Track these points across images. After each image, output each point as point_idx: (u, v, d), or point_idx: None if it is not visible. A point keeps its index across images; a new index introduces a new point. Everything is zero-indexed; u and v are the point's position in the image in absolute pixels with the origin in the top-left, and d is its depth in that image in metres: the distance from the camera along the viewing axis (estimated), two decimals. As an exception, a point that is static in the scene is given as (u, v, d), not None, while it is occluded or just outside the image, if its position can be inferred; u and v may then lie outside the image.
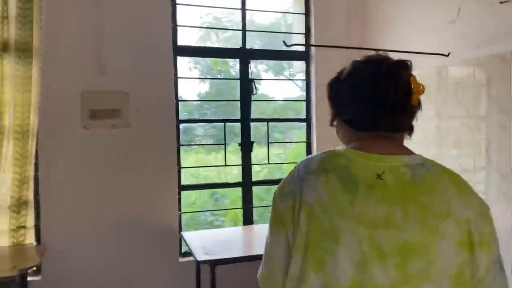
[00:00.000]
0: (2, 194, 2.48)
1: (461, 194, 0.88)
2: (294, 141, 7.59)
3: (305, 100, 3.36)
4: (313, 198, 0.88)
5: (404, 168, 0.89)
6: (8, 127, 2.46)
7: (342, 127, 1.04)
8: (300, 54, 3.33)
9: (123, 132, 2.74)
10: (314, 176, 0.91)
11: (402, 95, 0.91)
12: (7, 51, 2.45)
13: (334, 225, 0.85)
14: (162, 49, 2.84)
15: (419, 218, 0.84)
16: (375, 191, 0.86)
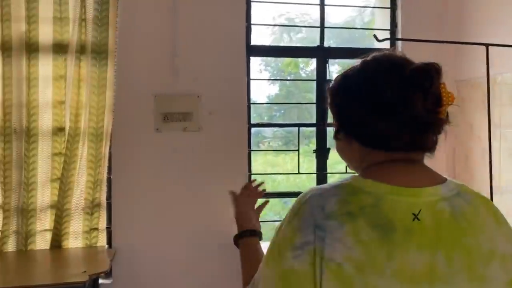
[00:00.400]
0: (77, 196, 2.49)
1: (500, 226, 0.75)
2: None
3: (389, 103, 3.03)
4: (341, 255, 0.68)
5: (441, 202, 0.73)
6: (83, 129, 2.48)
7: (349, 144, 0.83)
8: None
9: (194, 136, 2.67)
10: (337, 224, 0.70)
11: (431, 107, 0.75)
12: (84, 53, 2.47)
13: (370, 284, 0.67)
14: (235, 49, 2.72)
15: (465, 266, 0.70)
16: (414, 237, 0.69)
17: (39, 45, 2.43)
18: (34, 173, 2.43)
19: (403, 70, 0.77)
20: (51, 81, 2.45)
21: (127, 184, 2.61)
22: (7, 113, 2.40)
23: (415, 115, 0.74)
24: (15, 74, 2.40)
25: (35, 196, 2.43)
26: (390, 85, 0.75)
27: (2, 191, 2.42)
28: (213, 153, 2.70)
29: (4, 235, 2.42)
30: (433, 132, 0.78)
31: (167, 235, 2.66)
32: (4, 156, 2.40)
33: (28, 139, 2.42)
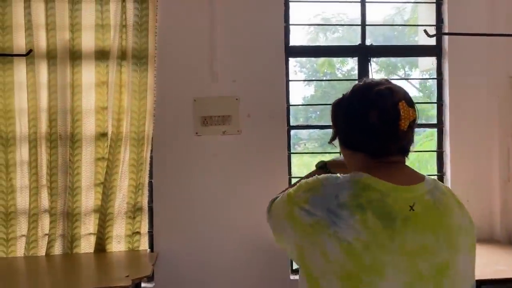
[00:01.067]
0: (119, 200, 2.52)
1: (460, 206, 1.01)
2: (416, 149, 6.94)
3: (436, 102, 2.89)
4: (351, 236, 0.90)
5: (426, 195, 0.96)
6: (125, 134, 2.50)
7: (350, 153, 1.06)
8: (429, 49, 2.88)
9: (233, 139, 2.65)
10: (349, 213, 0.91)
11: (389, 122, 0.96)
12: (124, 59, 2.50)
13: (377, 260, 0.89)
14: (274, 50, 2.68)
15: (446, 239, 0.94)
16: (410, 223, 0.92)
17: (82, 52, 2.49)
18: (79, 178, 2.48)
19: (369, 93, 0.98)
20: (93, 88, 2.50)
21: (168, 188, 2.62)
22: (52, 119, 2.46)
23: (375, 128, 0.96)
24: (59, 81, 2.47)
25: (79, 200, 2.48)
26: (359, 106, 0.99)
27: (49, 195, 2.48)
28: (252, 156, 2.66)
29: (51, 239, 2.48)
30: (395, 141, 0.98)
31: (209, 239, 2.64)
32: (50, 161, 2.47)
33: (73, 144, 2.48)
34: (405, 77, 7.10)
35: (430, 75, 3.17)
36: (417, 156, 6.99)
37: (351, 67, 7.46)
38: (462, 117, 2.79)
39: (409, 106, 0.97)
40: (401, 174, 0.99)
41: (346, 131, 1.05)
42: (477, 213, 2.77)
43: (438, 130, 2.88)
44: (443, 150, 2.87)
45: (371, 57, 2.78)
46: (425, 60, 3.13)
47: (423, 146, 7.07)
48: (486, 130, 2.79)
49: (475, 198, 2.77)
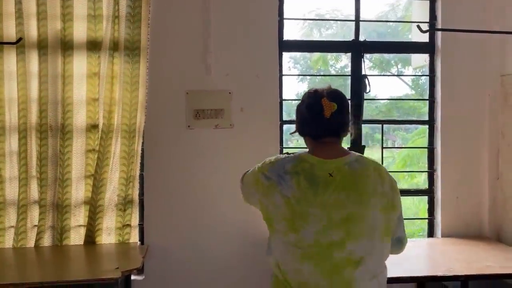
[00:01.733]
0: (110, 193, 2.51)
1: (380, 177, 1.42)
2: (408, 146, 6.92)
3: (428, 99, 2.91)
4: (289, 193, 1.38)
5: (345, 166, 1.40)
6: (116, 126, 2.49)
7: (305, 138, 1.53)
8: (422, 46, 2.89)
9: (226, 133, 2.64)
10: (290, 177, 1.40)
11: (316, 113, 1.42)
12: (117, 50, 2.48)
13: (304, 210, 1.36)
14: (267, 44, 2.67)
15: (356, 198, 1.37)
16: (329, 185, 1.37)
17: (73, 42, 2.46)
18: (69, 169, 2.46)
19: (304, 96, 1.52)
20: (85, 79, 2.47)
21: (159, 181, 2.61)
22: (43, 110, 2.44)
23: (308, 119, 1.47)
24: (50, 71, 2.44)
25: (69, 192, 2.46)
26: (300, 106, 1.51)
27: (38, 187, 2.46)
28: (244, 150, 2.65)
29: (40, 230, 2.46)
30: (323, 126, 1.44)
31: (199, 232, 2.64)
32: (40, 152, 2.44)
33: (63, 135, 2.45)
34: (397, 74, 7.12)
35: (423, 72, 3.19)
36: (408, 152, 7.04)
37: (344, 64, 7.48)
38: (453, 114, 2.81)
39: (330, 101, 1.40)
40: (330, 150, 1.43)
41: (297, 123, 1.53)
42: (467, 210, 2.81)
43: (430, 127, 2.90)
44: (434, 147, 2.88)
45: (365, 53, 2.78)
46: (418, 58, 3.15)
47: (415, 143, 7.11)
48: (477, 128, 2.81)
49: (465, 195, 2.81)
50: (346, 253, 1.34)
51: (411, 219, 6.14)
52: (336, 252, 1.34)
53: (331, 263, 1.34)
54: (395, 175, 1.95)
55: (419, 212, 6.56)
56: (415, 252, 2.51)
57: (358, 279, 1.36)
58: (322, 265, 1.35)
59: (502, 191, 2.73)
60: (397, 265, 2.25)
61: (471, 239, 2.73)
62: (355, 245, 1.35)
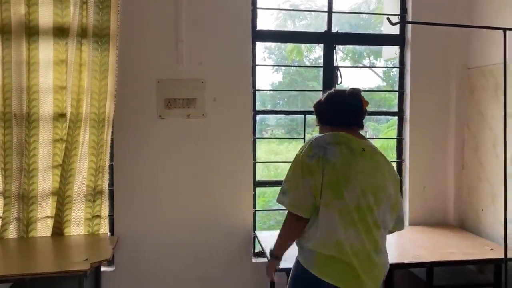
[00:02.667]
0: (79, 183, 2.45)
1: (386, 158, 1.75)
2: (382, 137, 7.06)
3: (398, 91, 2.97)
4: (334, 158, 1.61)
5: (368, 146, 1.71)
6: (85, 115, 2.43)
7: (326, 127, 1.78)
8: (393, 38, 2.94)
9: (198, 123, 2.62)
10: (332, 146, 1.64)
11: (359, 106, 1.76)
12: (85, 37, 2.41)
13: (347, 173, 1.61)
14: (241, 33, 2.65)
15: (380, 169, 1.68)
16: (363, 156, 1.66)
17: (39, 28, 2.37)
18: (35, 159, 2.39)
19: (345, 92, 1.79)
20: (52, 66, 2.40)
21: (129, 171, 2.57)
22: (6, 98, 2.35)
23: (353, 110, 1.76)
24: (14, 58, 2.35)
25: (36, 182, 2.40)
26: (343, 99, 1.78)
27: (2, 177, 2.38)
28: (217, 140, 2.65)
29: (4, 222, 2.39)
30: (362, 118, 1.78)
31: (170, 222, 2.63)
32: (4, 142, 2.36)
33: (29, 124, 2.38)
34: (369, 66, 7.22)
35: (394, 64, 3.24)
36: (381, 144, 7.17)
37: (318, 55, 7.51)
38: (421, 106, 2.88)
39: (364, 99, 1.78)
40: (356, 134, 1.73)
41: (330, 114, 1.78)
42: (432, 199, 2.90)
43: (399, 118, 2.96)
44: (402, 137, 2.95)
45: (337, 44, 2.80)
46: (389, 50, 3.19)
47: (387, 134, 7.24)
48: (444, 119, 2.90)
49: (431, 184, 2.89)
50: (374, 218, 1.62)
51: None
52: (369, 216, 1.60)
53: (366, 225, 1.60)
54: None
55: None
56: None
57: (380, 241, 1.65)
58: (360, 228, 1.59)
59: (467, 181, 2.83)
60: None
61: (436, 227, 2.82)
62: (378, 211, 1.63)
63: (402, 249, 2.43)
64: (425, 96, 2.87)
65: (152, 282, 2.63)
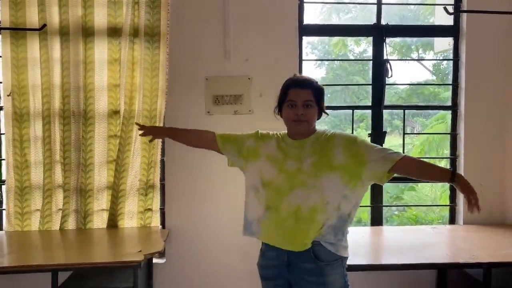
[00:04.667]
0: (132, 177, 2.54)
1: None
2: (428, 132, 6.83)
3: (452, 84, 2.84)
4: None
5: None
6: (137, 112, 2.51)
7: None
8: (447, 29, 2.81)
9: (245, 119, 2.63)
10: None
11: None
12: (137, 36, 2.49)
13: None
14: (287, 29, 2.63)
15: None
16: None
17: (94, 29, 2.47)
18: (91, 154, 2.50)
19: None
20: (106, 65, 2.50)
21: (180, 166, 2.63)
22: (65, 96, 2.47)
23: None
24: (72, 58, 2.47)
25: (92, 177, 2.51)
26: None
27: (62, 171, 2.51)
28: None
29: (64, 214, 2.52)
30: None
31: (220, 216, 2.66)
32: (63, 138, 2.49)
33: (85, 121, 2.49)
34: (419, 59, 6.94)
35: (446, 57, 3.10)
36: (427, 138, 6.89)
37: (363, 49, 7.33)
38: (477, 99, 2.73)
39: None
40: None
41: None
42: (490, 197, 2.75)
43: (453, 113, 2.83)
44: (457, 132, 2.82)
45: (387, 37, 2.72)
46: (441, 42, 3.06)
47: (433, 129, 6.96)
48: (501, 114, 2.74)
49: (488, 182, 2.75)
50: None
51: (431, 206, 6.06)
52: None
53: None
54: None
55: (437, 199, 6.45)
56: (436, 239, 2.49)
57: None
58: None
59: (528, 178, 2.67)
60: (416, 250, 2.24)
61: (494, 226, 2.68)
62: None
63: (456, 249, 2.34)
64: (481, 90, 2.73)
65: (202, 275, 2.68)
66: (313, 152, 1.70)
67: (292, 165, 1.70)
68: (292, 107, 1.73)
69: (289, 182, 1.68)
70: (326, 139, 1.73)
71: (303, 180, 1.66)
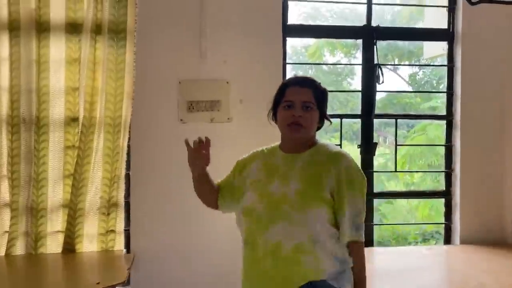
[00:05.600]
0: (92, 194, 2.25)
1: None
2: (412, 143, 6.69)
3: (446, 91, 2.66)
4: None
5: None
6: (99, 119, 2.24)
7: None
8: (441, 32, 2.64)
9: (223, 128, 2.39)
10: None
11: None
12: (100, 33, 2.22)
13: None
14: (270, 28, 2.42)
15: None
16: None
17: (50, 24, 2.20)
18: (45, 168, 2.21)
19: None
20: (63, 65, 2.23)
21: (147, 181, 2.36)
22: (14, 100, 2.18)
23: None
24: (23, 56, 2.18)
25: (45, 194, 2.21)
26: None
27: (9, 188, 2.20)
28: (244, 147, 2.31)
29: (11, 237, 2.20)
30: None
31: (192, 237, 2.40)
32: (11, 148, 2.18)
33: (38, 130, 2.20)
34: (415, 64, 6.67)
35: (437, 63, 2.93)
36: (407, 151, 6.75)
37: (337, 60, 7.18)
38: (474, 109, 2.58)
39: None
40: None
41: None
42: (488, 214, 2.59)
43: (448, 123, 2.65)
44: (451, 144, 2.64)
45: (378, 40, 2.53)
46: (431, 47, 2.90)
47: (414, 140, 6.84)
48: (500, 124, 2.58)
49: (486, 197, 2.59)
50: None
51: (423, 224, 5.81)
52: None
53: None
54: (399, 175, 1.66)
55: (413, 210, 6.28)
56: (433, 262, 2.27)
57: None
58: None
59: (528, 194, 2.49)
60: (414, 276, 2.02)
61: (493, 246, 2.48)
62: None
63: (459, 274, 2.11)
64: (478, 97, 2.56)
65: (172, 304, 2.39)
66: (303, 174, 1.40)
67: (277, 188, 1.41)
68: (288, 108, 1.44)
69: (271, 212, 1.39)
70: (327, 159, 1.42)
71: (287, 212, 1.36)
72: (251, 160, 1.57)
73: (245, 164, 1.59)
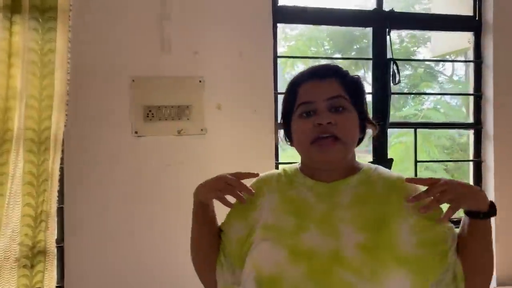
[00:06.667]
0: (6, 240, 1.70)
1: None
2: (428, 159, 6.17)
3: (474, 94, 2.22)
4: None
5: None
6: (17, 133, 1.69)
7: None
8: (465, 20, 2.22)
9: (194, 143, 1.91)
10: None
11: None
12: (18, 11, 1.69)
13: None
14: (256, 12, 1.96)
15: None
16: None
17: None
18: None
19: None
20: (-38, 56, 1.69)
21: (88, 219, 1.84)
22: None
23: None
24: None
25: None
26: None
27: None
28: (222, 167, 1.85)
29: None
30: None
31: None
32: None
33: None
34: (431, 59, 5.79)
35: (463, 58, 2.47)
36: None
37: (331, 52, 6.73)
38: (509, 114, 2.18)
39: None
40: None
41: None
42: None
43: (476, 132, 2.22)
44: (482, 160, 2.20)
45: (392, 29, 2.07)
46: (441, 40, 2.45)
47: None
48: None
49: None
50: None
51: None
52: None
53: None
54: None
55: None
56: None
57: None
58: None
59: None
60: None
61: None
62: None
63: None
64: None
65: None
66: (359, 215, 0.88)
67: (319, 240, 0.86)
68: (308, 115, 0.92)
69: (318, 284, 0.82)
70: (389, 190, 0.91)
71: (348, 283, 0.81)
72: (259, 193, 0.99)
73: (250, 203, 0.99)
